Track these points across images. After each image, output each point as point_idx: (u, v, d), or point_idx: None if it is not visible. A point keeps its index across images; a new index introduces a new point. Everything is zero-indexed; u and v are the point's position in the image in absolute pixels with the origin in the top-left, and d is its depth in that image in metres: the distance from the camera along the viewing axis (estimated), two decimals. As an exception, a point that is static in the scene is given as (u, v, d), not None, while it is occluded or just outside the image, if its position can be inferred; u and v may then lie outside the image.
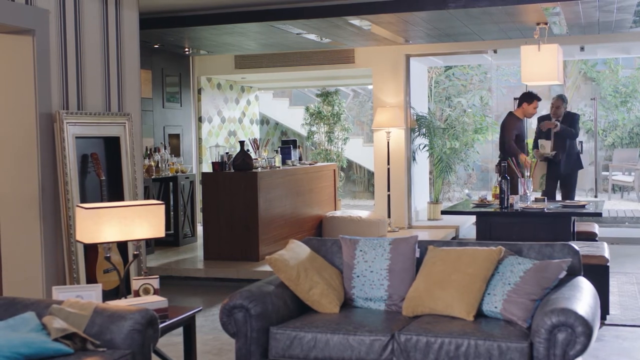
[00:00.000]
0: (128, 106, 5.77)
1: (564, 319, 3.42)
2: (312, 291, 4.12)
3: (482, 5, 7.21)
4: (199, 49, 10.58)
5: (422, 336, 3.66)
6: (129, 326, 3.36)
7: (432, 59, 11.44)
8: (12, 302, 3.62)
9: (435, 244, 4.34)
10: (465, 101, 13.98)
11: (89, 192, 5.25)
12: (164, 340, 4.60)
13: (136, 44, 5.90)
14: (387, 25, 8.57)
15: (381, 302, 4.19)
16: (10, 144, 4.90)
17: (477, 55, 10.97)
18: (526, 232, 6.13)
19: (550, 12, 7.71)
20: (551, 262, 3.92)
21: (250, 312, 3.84)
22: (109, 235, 3.91)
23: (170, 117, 10.79)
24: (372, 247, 4.29)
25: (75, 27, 5.21)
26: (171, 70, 10.82)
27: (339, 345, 3.76)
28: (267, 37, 9.19)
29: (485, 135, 12.94)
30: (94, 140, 5.37)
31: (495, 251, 4.03)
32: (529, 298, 3.78)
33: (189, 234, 9.69)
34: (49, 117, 4.91)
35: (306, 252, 4.36)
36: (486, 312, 3.92)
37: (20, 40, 4.83)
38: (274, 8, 7.74)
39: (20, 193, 4.88)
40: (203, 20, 8.09)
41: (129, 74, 5.80)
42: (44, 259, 4.86)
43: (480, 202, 6.75)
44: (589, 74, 16.91)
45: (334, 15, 7.73)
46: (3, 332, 3.20)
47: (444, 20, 8.15)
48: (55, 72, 5.01)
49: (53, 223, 4.94)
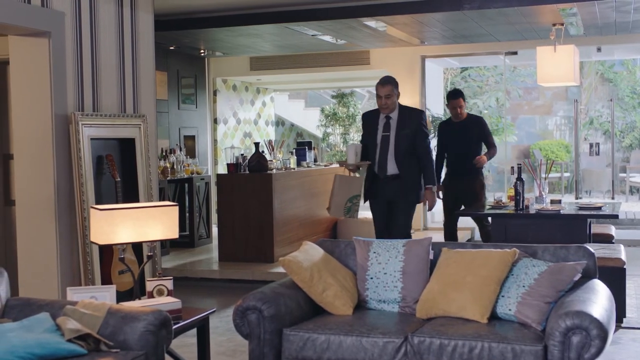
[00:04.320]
0: (143, 108, 5.79)
1: (579, 322, 3.40)
2: (326, 293, 4.11)
3: (497, 6, 7.18)
4: (215, 51, 10.60)
5: (436, 338, 3.65)
6: (143, 327, 3.37)
7: (447, 60, 11.40)
8: (27, 302, 3.64)
9: (449, 246, 4.32)
10: (481, 102, 13.94)
11: (104, 193, 5.27)
12: (178, 341, 4.61)
13: (151, 46, 5.92)
14: (402, 27, 8.56)
15: (395, 304, 4.18)
16: (27, 145, 4.93)
17: (493, 56, 10.93)
18: (542, 234, 6.09)
19: (567, 12, 7.67)
20: (566, 265, 3.90)
21: (263, 314, 3.84)
22: (123, 236, 3.93)
23: (186, 119, 10.82)
24: (385, 249, 4.28)
25: (91, 29, 5.24)
26: (187, 72, 10.85)
27: (352, 347, 3.76)
28: (282, 38, 9.20)
29: (501, 136, 12.89)
30: (109, 141, 5.39)
31: (509, 253, 4.01)
32: (543, 300, 3.76)
33: (204, 235, 9.72)
34: (64, 119, 4.94)
35: (320, 254, 4.35)
36: (500, 314, 3.90)
37: (36, 42, 4.86)
38: (289, 10, 7.74)
39: (36, 194, 4.90)
40: (218, 22, 8.11)
41: (144, 75, 5.82)
42: (59, 259, 4.89)
43: (495, 203, 6.72)
44: (606, 75, 16.80)
45: (349, 17, 7.73)
46: (18, 332, 3.22)
47: (459, 21, 8.13)
48: (71, 74, 5.04)
49: (68, 224, 4.96)
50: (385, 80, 6.16)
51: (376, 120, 6.25)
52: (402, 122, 6.14)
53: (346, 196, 6.25)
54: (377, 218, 6.33)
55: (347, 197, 6.26)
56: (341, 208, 6.27)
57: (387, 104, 6.10)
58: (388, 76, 6.25)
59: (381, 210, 6.31)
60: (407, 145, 6.12)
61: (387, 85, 6.11)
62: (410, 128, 6.13)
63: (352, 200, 6.30)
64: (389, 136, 6.14)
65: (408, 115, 6.20)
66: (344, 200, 6.23)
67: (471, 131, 7.54)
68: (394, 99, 6.13)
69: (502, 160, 12.98)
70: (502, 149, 12.40)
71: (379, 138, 6.19)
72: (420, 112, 6.38)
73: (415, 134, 6.14)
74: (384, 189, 6.22)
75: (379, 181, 6.23)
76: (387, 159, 6.14)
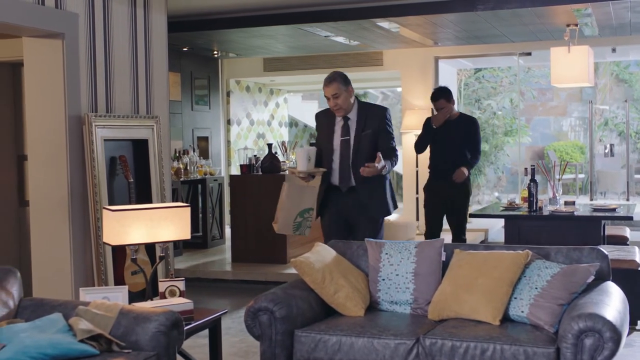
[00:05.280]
0: (156, 109, 5.81)
1: (592, 324, 3.38)
2: (338, 294, 4.11)
3: (511, 7, 7.15)
4: (228, 52, 10.62)
5: (448, 340, 3.64)
6: (154, 328, 3.38)
7: (461, 61, 11.38)
8: (40, 303, 3.67)
9: (461, 248, 4.31)
10: (495, 103, 13.89)
11: (117, 194, 5.29)
12: (190, 342, 4.62)
13: (164, 47, 5.94)
14: (415, 28, 8.54)
15: (407, 306, 4.17)
16: (40, 146, 4.96)
17: (507, 57, 10.89)
18: (555, 235, 6.06)
19: (581, 13, 7.63)
20: (579, 267, 3.88)
21: (275, 315, 3.84)
22: (135, 237, 3.94)
23: (199, 120, 10.85)
24: (397, 250, 4.28)
25: (104, 30, 5.26)
26: (200, 73, 10.88)
27: (363, 348, 3.75)
28: (295, 39, 9.20)
29: (515, 137, 12.85)
30: (123, 142, 5.41)
31: (521, 255, 3.99)
32: (556, 303, 3.74)
33: (217, 236, 9.74)
34: (78, 120, 4.96)
35: (332, 255, 4.35)
36: (512, 316, 3.89)
37: (50, 43, 4.89)
38: (301, 11, 7.74)
39: (50, 195, 4.93)
40: (231, 23, 8.12)
41: (157, 76, 5.84)
42: (72, 260, 4.91)
43: (508, 205, 6.69)
44: (621, 75, 16.71)
45: (362, 18, 7.73)
46: (30, 332, 3.24)
47: (472, 22, 8.11)
48: (85, 75, 5.06)
49: (82, 225, 4.98)
50: (329, 78, 5.20)
51: (332, 121, 5.31)
52: (362, 122, 5.21)
53: (296, 209, 5.29)
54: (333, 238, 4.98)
55: (298, 211, 5.29)
56: (290, 223, 5.28)
57: (338, 104, 5.16)
58: (333, 72, 5.25)
59: (337, 230, 5.26)
60: (371, 149, 5.17)
61: (333, 84, 5.16)
62: (372, 128, 5.20)
63: (303, 215, 5.29)
64: (349, 140, 5.21)
65: (368, 114, 5.25)
66: (293, 214, 5.27)
67: (460, 132, 6.85)
68: (345, 98, 5.16)
69: (516, 161, 12.94)
70: (516, 151, 12.37)
71: (336, 142, 5.25)
72: (382, 109, 5.35)
73: (378, 134, 5.21)
74: (343, 203, 5.24)
75: (337, 193, 5.27)
76: (350, 167, 5.19)
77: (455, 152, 6.82)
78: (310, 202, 5.32)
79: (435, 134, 6.85)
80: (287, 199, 5.27)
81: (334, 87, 5.15)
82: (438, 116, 6.81)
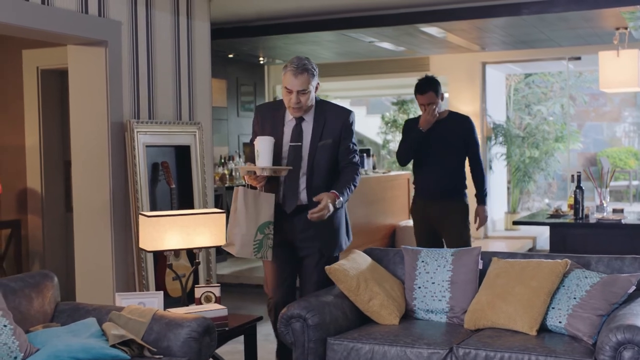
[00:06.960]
0: (199, 115, 5.86)
1: (630, 336, 3.29)
2: (372, 302, 4.07)
3: (556, 10, 7.02)
4: (274, 59, 10.68)
5: (481, 350, 3.58)
6: (186, 334, 3.40)
7: (509, 66, 11.24)
8: (76, 307, 3.72)
9: (499, 256, 4.24)
10: (546, 109, 13.67)
11: (159, 200, 5.34)
12: (228, 348, 4.64)
13: (207, 54, 5.99)
14: (461, 33, 8.47)
15: (442, 315, 4.12)
16: (84, 152, 5.04)
17: (556, 62, 10.72)
18: (602, 244, 5.91)
19: (631, 16, 7.46)
20: (620, 277, 3.78)
21: (307, 322, 3.82)
22: (170, 243, 3.97)
23: (245, 126, 10.91)
24: (434, 258, 4.23)
25: (147, 37, 5.33)
26: (246, 80, 10.95)
27: (396, 357, 3.71)
28: (340, 45, 9.20)
29: (566, 144, 12.61)
30: (165, 148, 5.46)
31: (560, 264, 3.91)
32: (595, 313, 3.65)
33: (263, 241, 9.75)
34: (120, 126, 5.03)
35: (367, 262, 4.32)
36: (550, 326, 3.81)
37: (93, 51, 4.97)
38: (345, 16, 7.73)
39: (93, 201, 5.01)
40: (276, 30, 8.15)
41: (200, 83, 5.89)
42: (114, 265, 4.97)
43: (555, 212, 6.56)
44: (676, 80, 16.29)
45: (404, 23, 7.67)
46: (64, 337, 3.29)
47: (518, 26, 8.00)
48: (127, 82, 5.14)
49: (123, 230, 5.04)
50: (299, 67, 3.98)
51: (280, 119, 4.16)
52: (319, 128, 4.12)
53: (255, 224, 4.01)
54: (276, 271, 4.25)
55: (257, 226, 4.01)
56: (250, 242, 3.99)
57: (301, 102, 4.02)
58: (305, 59, 4.03)
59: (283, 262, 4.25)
60: (329, 162, 4.16)
61: (304, 75, 3.98)
62: (332, 137, 4.13)
63: (263, 230, 4.03)
64: (301, 147, 4.12)
65: (328, 118, 4.14)
66: (252, 231, 4.00)
67: (454, 135, 5.55)
68: (311, 96, 4.07)
69: (566, 167, 12.71)
70: (566, 157, 12.15)
71: (284, 148, 4.14)
72: (346, 112, 4.22)
73: (339, 144, 4.18)
74: (291, 229, 4.18)
75: (283, 217, 4.16)
76: (298, 183, 4.13)
77: (451, 160, 5.54)
78: (267, 213, 4.06)
79: (424, 139, 5.45)
80: (243, 210, 3.98)
81: (304, 79, 3.98)
82: (427, 116, 5.40)
